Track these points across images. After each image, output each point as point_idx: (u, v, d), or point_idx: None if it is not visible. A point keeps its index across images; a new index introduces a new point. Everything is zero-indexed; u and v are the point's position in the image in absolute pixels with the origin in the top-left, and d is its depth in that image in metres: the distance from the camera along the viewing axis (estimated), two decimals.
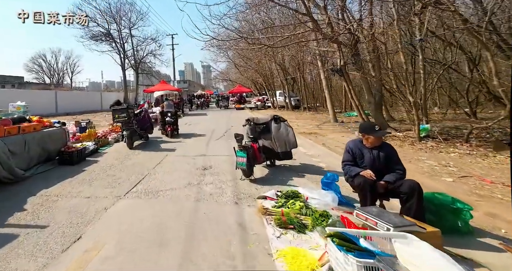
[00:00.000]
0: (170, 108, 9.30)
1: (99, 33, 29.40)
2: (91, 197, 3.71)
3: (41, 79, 54.97)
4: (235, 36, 11.41)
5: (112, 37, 29.84)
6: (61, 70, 57.62)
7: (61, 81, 56.91)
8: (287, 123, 4.87)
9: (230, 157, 5.94)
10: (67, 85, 54.25)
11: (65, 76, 58.22)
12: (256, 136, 4.77)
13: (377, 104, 9.59)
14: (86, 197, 3.71)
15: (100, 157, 6.30)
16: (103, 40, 29.85)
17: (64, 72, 58.14)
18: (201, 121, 14.81)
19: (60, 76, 57.61)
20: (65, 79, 58.10)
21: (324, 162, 5.36)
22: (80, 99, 23.41)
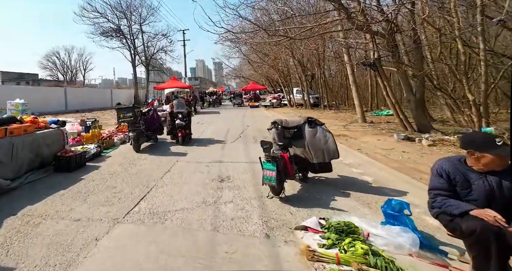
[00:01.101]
0: (181, 108, 7.77)
1: (109, 29, 29.41)
2: (81, 220, 3.02)
3: (55, 76, 56.65)
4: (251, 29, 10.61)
5: (122, 33, 29.79)
6: (74, 68, 59.21)
7: (74, 78, 58.38)
8: (325, 127, 4.03)
9: (250, 165, 5.19)
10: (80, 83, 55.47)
11: (78, 74, 59.71)
12: (286, 143, 3.96)
13: (418, 102, 8.54)
14: (76, 219, 3.03)
15: (102, 161, 5.69)
16: (113, 36, 29.85)
17: (77, 70, 59.68)
18: (214, 120, 14.15)
19: (73, 73, 59.20)
20: (78, 76, 59.60)
21: (368, 173, 4.48)
22: (90, 97, 23.37)
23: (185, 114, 7.59)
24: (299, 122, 4.13)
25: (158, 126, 7.66)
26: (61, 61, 58.13)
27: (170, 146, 7.24)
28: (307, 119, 4.06)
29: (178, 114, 7.49)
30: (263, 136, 8.59)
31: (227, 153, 6.32)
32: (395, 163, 5.03)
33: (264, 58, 23.65)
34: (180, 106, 7.90)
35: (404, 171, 4.54)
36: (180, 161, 5.69)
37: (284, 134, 4.10)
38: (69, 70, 59.00)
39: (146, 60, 31.55)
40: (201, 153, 6.37)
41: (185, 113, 7.60)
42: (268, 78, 33.93)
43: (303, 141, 3.99)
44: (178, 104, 8.02)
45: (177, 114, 7.52)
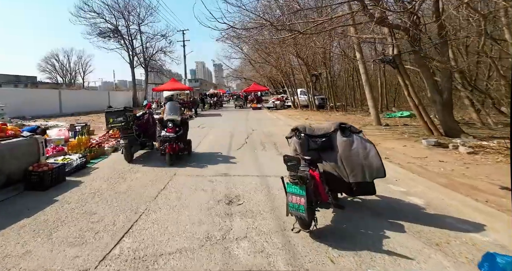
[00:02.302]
0: (173, 114, 5.92)
1: (107, 29, 28.75)
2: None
3: (54, 79, 55.98)
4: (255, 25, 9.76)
5: (120, 34, 29.09)
6: (73, 70, 58.58)
7: (74, 80, 57.76)
8: (363, 135, 3.14)
9: (262, 179, 4.32)
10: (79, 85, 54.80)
11: (78, 76, 59.08)
12: (313, 156, 3.08)
13: (445, 104, 7.64)
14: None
15: (87, 175, 4.82)
16: (111, 37, 29.18)
17: (77, 72, 59.02)
18: (216, 123, 13.28)
19: (72, 75, 58.57)
20: (77, 79, 58.96)
21: (414, 193, 3.58)
22: (87, 99, 22.55)
23: (178, 122, 5.71)
24: (328, 129, 3.24)
25: (154, 132, 6.78)
26: (60, 63, 57.53)
27: None
28: (339, 126, 3.18)
29: (168, 123, 5.64)
30: (272, 142, 7.71)
31: (233, 163, 5.44)
32: (441, 178, 4.14)
33: (267, 58, 22.82)
34: (172, 111, 6.02)
35: (458, 189, 3.64)
36: (178, 174, 4.81)
37: (309, 144, 3.22)
38: (68, 72, 58.41)
39: (145, 61, 30.82)
40: (203, 164, 5.49)
41: (177, 121, 5.71)
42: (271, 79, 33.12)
43: (334, 154, 3.11)
44: (170, 108, 6.12)
45: (166, 122, 5.67)
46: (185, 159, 5.90)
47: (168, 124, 5.62)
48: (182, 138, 5.77)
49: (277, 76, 28.84)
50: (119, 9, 28.12)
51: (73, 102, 20.45)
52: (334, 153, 3.11)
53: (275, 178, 4.42)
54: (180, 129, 5.68)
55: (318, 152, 3.19)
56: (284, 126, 11.41)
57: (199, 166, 5.33)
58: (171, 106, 6.17)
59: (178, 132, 5.59)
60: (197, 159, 5.89)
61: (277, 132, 9.47)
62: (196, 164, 5.46)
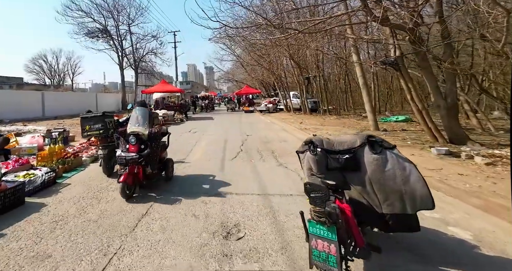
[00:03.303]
0: (140, 124, 4.08)
1: (95, 29, 27.36)
2: None
3: (42, 80, 53.53)
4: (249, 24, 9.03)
5: (109, 34, 27.76)
6: (62, 71, 56.21)
7: (62, 82, 55.45)
8: (398, 152, 2.42)
9: (264, 199, 3.57)
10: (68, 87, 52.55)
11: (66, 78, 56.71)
12: (337, 179, 2.33)
13: (450, 108, 7.09)
14: None
15: (53, 195, 3.93)
16: (99, 37, 27.79)
17: (65, 73, 56.66)
18: (208, 127, 12.43)
19: (61, 77, 56.19)
20: (66, 80, 56.60)
21: (453, 222, 2.88)
22: (73, 102, 21.20)
23: (145, 137, 3.97)
24: (352, 143, 2.50)
25: None
26: (49, 64, 55.06)
27: None
28: (367, 139, 2.45)
29: (130, 137, 3.91)
30: (269, 149, 6.96)
31: (229, 178, 4.64)
32: (472, 197, 3.49)
33: (259, 60, 22.13)
34: (137, 121, 4.09)
35: (499, 213, 2.99)
36: (166, 192, 3.98)
37: (328, 162, 2.48)
38: (56, 74, 56.02)
39: (135, 62, 29.56)
40: (194, 177, 4.68)
41: (143, 135, 3.95)
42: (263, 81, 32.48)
43: (362, 175, 2.38)
44: (135, 117, 4.15)
45: (129, 136, 3.93)
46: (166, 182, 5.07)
47: (131, 139, 3.90)
48: (150, 159, 3.96)
49: (269, 79, 28.21)
50: (108, 8, 26.84)
51: (57, 104, 19.11)
52: (361, 174, 2.38)
53: (280, 197, 3.68)
54: (147, 146, 3.94)
55: (341, 172, 2.46)
56: (280, 131, 10.69)
57: (190, 181, 4.51)
58: (139, 113, 4.16)
59: (143, 151, 3.86)
60: (186, 171, 5.06)
61: (274, 138, 8.74)
62: (186, 179, 4.64)
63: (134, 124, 4.12)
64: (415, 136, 8.69)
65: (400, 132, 9.69)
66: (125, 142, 4.03)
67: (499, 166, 4.88)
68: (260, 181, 4.39)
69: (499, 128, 9.00)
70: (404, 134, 9.14)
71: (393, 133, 9.45)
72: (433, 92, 7.42)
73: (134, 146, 3.91)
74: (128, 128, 4.09)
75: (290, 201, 3.53)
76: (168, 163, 4.60)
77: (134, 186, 3.85)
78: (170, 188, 4.17)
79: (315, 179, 2.55)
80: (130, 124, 4.13)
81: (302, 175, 4.62)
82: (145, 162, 3.89)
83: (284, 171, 4.99)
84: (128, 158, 3.73)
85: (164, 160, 4.58)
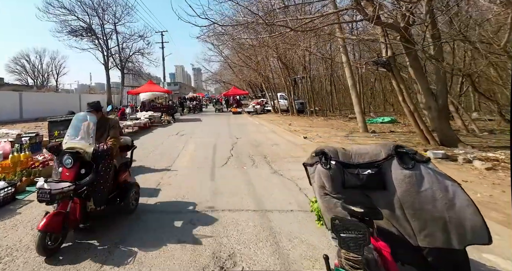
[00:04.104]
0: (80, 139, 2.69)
1: (79, 27, 25.73)
2: None
3: (24, 80, 50.28)
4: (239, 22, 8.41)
5: (94, 33, 26.19)
6: (45, 72, 53.11)
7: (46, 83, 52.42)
8: (435, 166, 1.89)
9: (262, 217, 2.98)
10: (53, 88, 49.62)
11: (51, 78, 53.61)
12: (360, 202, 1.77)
13: (441, 110, 6.80)
14: None
15: (8, 216, 3.17)
16: (83, 36, 26.19)
17: (49, 74, 53.57)
18: (196, 130, 11.67)
19: (45, 77, 53.09)
20: (50, 81, 53.53)
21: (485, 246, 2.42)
22: (54, 103, 19.70)
23: (88, 156, 2.63)
24: (375, 155, 1.95)
25: None
26: (31, 64, 51.79)
27: (137, 174, 4.79)
28: (395, 150, 1.91)
29: (64, 158, 2.54)
30: (261, 154, 6.37)
31: (220, 188, 4.02)
32: (488, 208, 3.06)
33: (247, 61, 21.52)
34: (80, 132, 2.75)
35: None
36: (144, 210, 3.30)
37: (345, 179, 1.93)
38: (40, 74, 52.86)
39: (121, 62, 28.12)
40: (180, 188, 4.02)
41: (86, 154, 2.63)
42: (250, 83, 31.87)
43: (389, 196, 1.85)
44: (73, 128, 2.78)
45: (63, 155, 2.57)
46: (158, 175, 4.37)
47: (65, 160, 2.53)
48: (95, 188, 2.60)
49: (256, 80, 27.65)
50: (93, 6, 25.30)
51: (37, 106, 17.64)
52: (388, 194, 1.85)
53: (279, 214, 3.10)
54: (91, 170, 2.57)
55: (362, 191, 1.91)
56: (270, 133, 10.14)
57: (174, 193, 3.84)
58: (79, 121, 2.81)
59: (85, 177, 2.54)
60: (172, 180, 4.38)
61: (264, 141, 8.17)
62: (169, 190, 3.97)
63: (73, 138, 2.68)
64: (405, 137, 8.39)
65: (388, 134, 9.38)
66: (58, 164, 2.59)
67: (500, 170, 4.54)
68: (255, 193, 3.80)
69: (482, 129, 8.89)
70: (394, 136, 8.84)
71: (383, 135, 9.12)
72: (424, 93, 7.09)
73: (70, 169, 2.50)
74: (63, 144, 2.68)
75: (291, 219, 2.96)
76: (130, 189, 3.06)
77: (64, 232, 2.41)
78: (159, 198, 3.49)
79: (330, 199, 2.01)
80: (68, 137, 2.71)
81: (301, 184, 4.08)
82: (86, 193, 2.54)
83: (279, 179, 4.42)
84: (54, 190, 2.25)
85: (124, 186, 3.09)
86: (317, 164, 2.03)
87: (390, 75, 7.42)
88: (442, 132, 6.93)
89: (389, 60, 7.12)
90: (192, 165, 5.46)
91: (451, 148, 6.55)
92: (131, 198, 3.09)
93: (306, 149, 6.97)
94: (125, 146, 3.37)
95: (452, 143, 6.75)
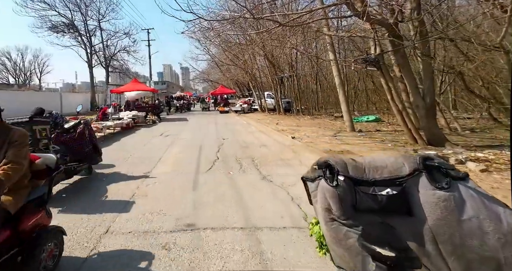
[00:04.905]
0: None
1: (60, 23, 23.94)
2: None
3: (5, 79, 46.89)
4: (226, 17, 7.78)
5: (76, 29, 24.47)
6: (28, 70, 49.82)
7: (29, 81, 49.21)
8: (476, 185, 1.41)
9: (251, 237, 2.46)
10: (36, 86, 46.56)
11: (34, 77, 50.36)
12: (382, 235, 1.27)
13: (429, 108, 6.50)
14: None
15: None
16: (65, 32, 24.41)
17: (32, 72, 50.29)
18: (181, 130, 10.94)
19: (27, 76, 49.81)
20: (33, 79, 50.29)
21: None
22: (32, 102, 18.05)
23: None
24: (396, 169, 1.43)
25: (89, 152, 4.46)
26: (13, 62, 48.29)
27: (109, 183, 4.11)
28: (422, 162, 1.41)
29: None
30: (249, 156, 5.83)
31: (203, 199, 3.45)
32: None
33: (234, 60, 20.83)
34: None
35: None
36: (115, 232, 2.68)
37: (356, 199, 1.42)
38: (22, 72, 49.53)
39: (106, 60, 26.54)
40: (159, 201, 3.41)
41: None
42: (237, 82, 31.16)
43: (416, 225, 1.35)
44: None
45: None
46: (135, 183, 3.73)
47: None
48: None
49: (243, 79, 27.00)
50: (75, 1, 23.55)
51: (11, 106, 15.94)
52: (415, 222, 1.36)
53: (270, 232, 2.59)
54: None
55: (381, 217, 1.41)
56: (257, 133, 9.62)
57: (152, 205, 3.23)
58: None
59: None
60: (151, 190, 3.76)
61: (252, 142, 7.63)
62: (147, 202, 3.35)
63: None
64: (391, 137, 8.11)
65: (375, 133, 9.10)
66: None
67: (495, 172, 4.25)
68: (242, 204, 3.26)
69: (462, 127, 8.79)
70: (380, 135, 8.55)
71: (370, 134, 8.82)
72: (412, 91, 6.78)
73: None
74: None
75: (285, 239, 2.44)
76: (41, 242, 1.86)
77: None
78: (130, 214, 2.87)
79: (338, 227, 1.47)
80: None
81: (292, 192, 3.57)
82: None
83: (269, 186, 3.90)
84: None
85: (35, 236, 1.86)
86: (320, 179, 1.51)
87: (379, 74, 7.07)
88: (430, 132, 6.66)
89: (378, 58, 6.75)
90: (174, 170, 4.83)
91: (438, 147, 6.29)
92: (44, 255, 1.85)
93: (295, 150, 6.51)
94: (43, 169, 2.02)
95: (440, 142, 6.49)
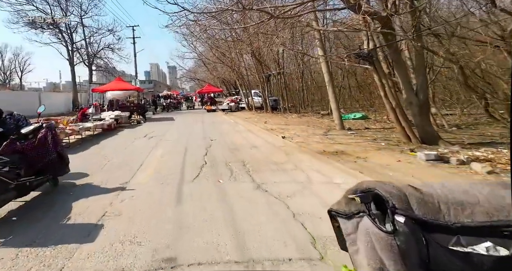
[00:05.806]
0: None
1: (39, 19, 21.86)
2: None
3: None
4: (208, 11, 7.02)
5: (56, 25, 22.48)
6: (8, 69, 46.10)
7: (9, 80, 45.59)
8: None
9: None
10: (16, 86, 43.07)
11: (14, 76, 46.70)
12: None
13: (422, 105, 6.13)
14: None
15: None
16: (44, 28, 22.39)
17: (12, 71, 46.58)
18: (167, 131, 10.07)
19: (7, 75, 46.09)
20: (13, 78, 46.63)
21: None
22: (7, 103, 16.39)
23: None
24: (496, 208, 0.57)
25: (52, 161, 3.63)
26: None
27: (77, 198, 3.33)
28: None
29: None
30: (239, 160, 5.16)
31: (187, 220, 2.77)
32: None
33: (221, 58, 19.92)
34: None
35: None
36: (80, 256, 1.96)
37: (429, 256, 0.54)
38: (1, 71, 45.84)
39: (88, 58, 24.71)
40: (133, 224, 2.69)
41: None
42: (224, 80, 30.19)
43: None
44: None
45: None
46: (108, 196, 2.98)
47: None
48: None
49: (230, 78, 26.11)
50: None
51: None
52: None
53: (273, 267, 1.96)
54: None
55: None
56: (246, 133, 8.97)
57: (119, 234, 2.52)
58: None
59: None
60: (127, 205, 3.03)
61: (242, 143, 6.98)
62: (121, 222, 2.63)
63: None
64: (382, 135, 7.73)
65: (365, 131, 8.71)
66: None
67: (502, 174, 3.86)
68: (236, 226, 2.61)
69: (452, 125, 8.59)
70: (371, 133, 8.16)
71: (360, 132, 8.40)
72: (405, 87, 6.37)
73: None
74: None
75: None
76: None
77: None
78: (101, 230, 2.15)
79: None
80: None
81: (292, 206, 2.95)
82: None
83: (265, 198, 3.28)
84: None
85: None
86: (363, 216, 0.82)
87: (372, 69, 6.59)
88: (423, 129, 6.29)
89: (371, 53, 6.27)
90: (156, 180, 4.10)
91: (432, 145, 5.94)
92: None
93: (288, 151, 5.92)
94: None
95: (433, 140, 6.13)
